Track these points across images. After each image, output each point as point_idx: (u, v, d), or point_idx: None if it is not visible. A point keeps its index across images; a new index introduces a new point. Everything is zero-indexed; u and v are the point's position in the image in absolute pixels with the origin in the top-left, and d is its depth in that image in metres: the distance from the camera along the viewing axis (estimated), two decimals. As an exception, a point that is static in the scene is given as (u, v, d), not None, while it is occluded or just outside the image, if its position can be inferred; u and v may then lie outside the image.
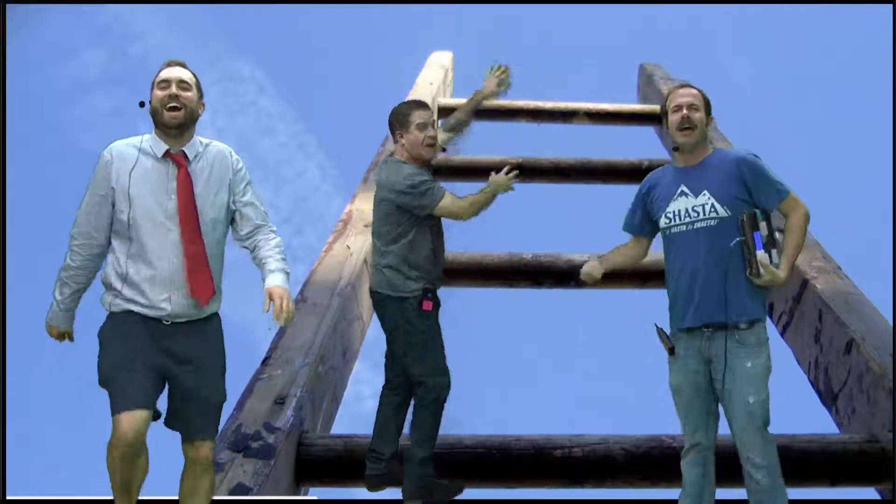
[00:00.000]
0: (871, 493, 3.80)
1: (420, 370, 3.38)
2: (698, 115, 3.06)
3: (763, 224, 2.92)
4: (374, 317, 5.55)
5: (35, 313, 2.78)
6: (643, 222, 3.25)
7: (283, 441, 3.39)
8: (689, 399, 3.03)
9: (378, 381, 3.63)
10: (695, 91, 3.13)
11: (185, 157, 2.65)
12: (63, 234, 2.68)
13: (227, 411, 3.54)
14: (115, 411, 2.53)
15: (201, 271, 2.61)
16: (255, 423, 3.45)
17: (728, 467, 3.59)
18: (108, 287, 2.65)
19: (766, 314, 3.00)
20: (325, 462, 3.66)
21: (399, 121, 3.44)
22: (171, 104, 2.60)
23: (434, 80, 9.57)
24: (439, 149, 3.54)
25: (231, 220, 2.77)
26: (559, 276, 5.67)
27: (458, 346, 3.70)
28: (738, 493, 3.57)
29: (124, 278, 2.60)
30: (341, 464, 3.68)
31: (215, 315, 2.74)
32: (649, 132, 9.64)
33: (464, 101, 3.92)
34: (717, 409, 3.03)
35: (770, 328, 3.13)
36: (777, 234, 2.97)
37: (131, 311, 2.60)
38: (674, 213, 3.05)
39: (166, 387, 2.67)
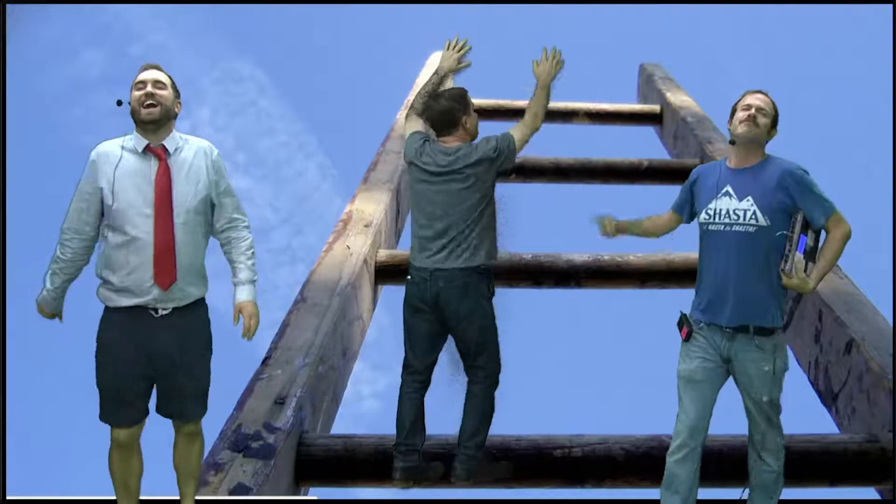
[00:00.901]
0: (871, 493, 3.80)
1: (488, 356, 3.44)
2: (764, 120, 3.11)
3: (812, 235, 3.02)
4: (374, 317, 5.59)
5: (33, 312, 2.83)
6: (684, 204, 3.37)
7: (283, 441, 3.39)
8: (699, 388, 3.13)
9: (378, 381, 3.64)
10: (768, 100, 3.17)
11: (165, 150, 2.83)
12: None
13: (228, 411, 3.54)
14: (112, 425, 2.85)
15: (166, 258, 2.77)
16: (255, 423, 3.45)
17: (729, 467, 3.60)
18: (103, 280, 2.84)
19: (782, 321, 3.13)
20: (325, 462, 3.66)
21: (465, 105, 3.53)
22: (148, 101, 2.80)
23: (434, 80, 9.55)
24: None
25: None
26: (559, 276, 5.67)
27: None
28: (737, 493, 3.58)
29: (115, 268, 2.79)
30: (341, 464, 3.68)
31: (201, 302, 2.93)
32: (649, 132, 9.65)
33: None
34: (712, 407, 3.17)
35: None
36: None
37: (124, 307, 2.80)
38: (714, 210, 3.12)
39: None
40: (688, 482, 3.14)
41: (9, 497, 3.21)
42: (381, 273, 5.47)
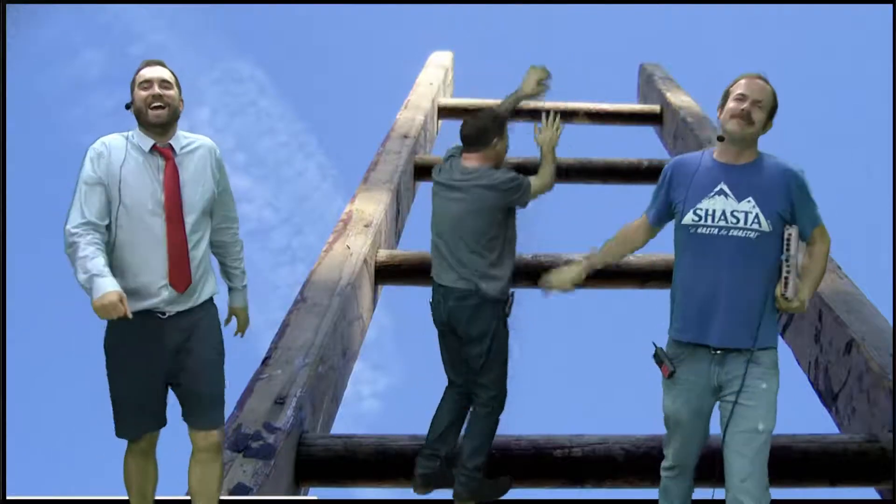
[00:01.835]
0: (871, 493, 3.80)
1: (492, 378, 3.43)
2: (760, 115, 2.69)
3: (800, 247, 2.71)
4: (374, 317, 5.59)
5: (35, 313, 2.79)
6: (663, 212, 2.90)
7: (283, 441, 3.39)
8: (688, 430, 2.84)
9: (378, 381, 3.66)
10: (767, 88, 2.73)
11: (172, 149, 2.75)
12: (63, 233, 2.61)
13: (228, 411, 3.54)
14: (131, 438, 2.79)
15: (181, 261, 2.70)
16: (255, 423, 3.45)
17: (713, 467, 3.60)
18: None
19: (776, 338, 2.79)
20: (325, 462, 3.66)
21: (501, 130, 3.54)
22: (155, 104, 2.69)
23: (434, 80, 9.57)
24: None
25: None
26: (559, 276, 5.66)
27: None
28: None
29: (122, 270, 2.66)
30: (341, 464, 3.68)
31: (210, 302, 2.85)
32: (649, 132, 9.64)
33: (464, 101, 3.96)
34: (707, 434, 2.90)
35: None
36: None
37: (134, 311, 2.61)
38: (706, 211, 2.68)
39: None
40: (682, 495, 3.01)
41: (9, 497, 3.21)
42: (381, 273, 5.48)
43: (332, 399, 4.26)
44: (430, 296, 3.53)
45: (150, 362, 2.71)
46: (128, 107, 2.73)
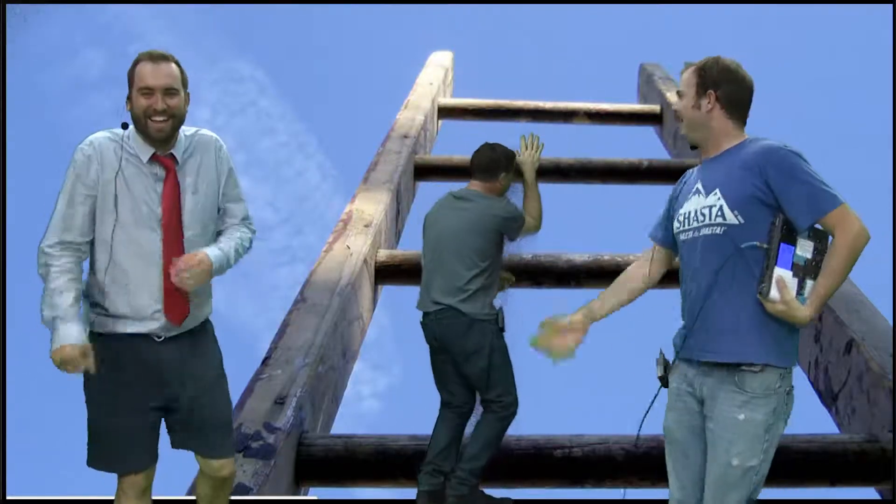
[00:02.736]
0: (871, 493, 3.80)
1: (501, 389, 3.45)
2: (684, 102, 2.41)
3: (808, 244, 2.23)
4: (374, 317, 5.58)
5: (33, 312, 2.71)
6: (667, 228, 2.57)
7: (283, 441, 3.39)
8: (682, 448, 2.42)
9: (378, 381, 3.67)
10: (687, 74, 2.43)
11: (174, 159, 2.44)
12: None
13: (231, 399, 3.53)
14: (120, 472, 2.46)
15: (179, 294, 2.41)
16: (255, 423, 3.45)
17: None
18: (93, 303, 2.43)
19: (787, 360, 2.26)
20: (325, 462, 3.66)
21: (508, 166, 3.71)
22: (159, 119, 2.37)
23: (434, 80, 9.56)
24: None
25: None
26: (559, 276, 5.67)
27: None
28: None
29: (111, 291, 2.39)
30: (341, 464, 3.68)
31: (208, 321, 2.58)
32: (649, 132, 9.64)
33: (464, 101, 4.02)
34: None
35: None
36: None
37: (118, 333, 2.40)
38: (684, 215, 2.41)
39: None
40: None
41: (9, 497, 3.21)
42: (381, 273, 5.48)
43: (332, 399, 4.26)
44: (421, 316, 3.57)
45: (146, 389, 2.41)
46: (125, 126, 2.42)
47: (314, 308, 4.42)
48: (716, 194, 2.30)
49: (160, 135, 2.38)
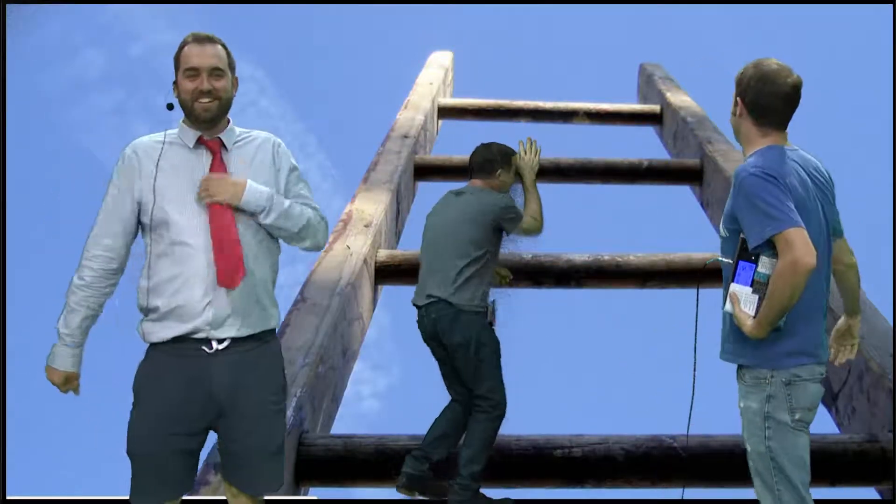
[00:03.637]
0: (871, 493, 3.80)
1: (490, 385, 3.44)
2: (732, 110, 2.50)
3: (769, 262, 2.30)
4: (374, 317, 5.58)
5: (33, 312, 2.71)
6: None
7: (283, 441, 3.39)
8: None
9: (378, 381, 3.67)
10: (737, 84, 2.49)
11: (221, 143, 2.34)
12: (63, 233, 2.57)
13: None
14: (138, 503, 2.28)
15: (230, 247, 2.22)
16: (255, 423, 3.44)
17: (713, 467, 3.60)
18: (142, 309, 2.29)
19: (771, 363, 2.38)
20: (325, 462, 3.66)
21: (506, 163, 3.73)
22: (204, 100, 2.28)
23: (434, 80, 9.56)
24: None
25: None
26: (559, 276, 5.67)
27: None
28: (738, 493, 3.57)
29: (160, 284, 2.24)
30: (341, 464, 3.67)
31: (272, 335, 2.37)
32: (649, 132, 9.64)
33: (464, 101, 4.08)
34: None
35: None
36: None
37: (169, 340, 2.24)
38: None
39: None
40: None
41: (9, 497, 3.21)
42: (381, 273, 5.48)
43: (332, 399, 4.26)
44: (416, 315, 3.58)
45: (187, 405, 2.21)
46: (170, 107, 2.33)
47: (314, 308, 4.42)
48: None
49: (206, 114, 2.29)
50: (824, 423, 4.23)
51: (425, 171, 7.40)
